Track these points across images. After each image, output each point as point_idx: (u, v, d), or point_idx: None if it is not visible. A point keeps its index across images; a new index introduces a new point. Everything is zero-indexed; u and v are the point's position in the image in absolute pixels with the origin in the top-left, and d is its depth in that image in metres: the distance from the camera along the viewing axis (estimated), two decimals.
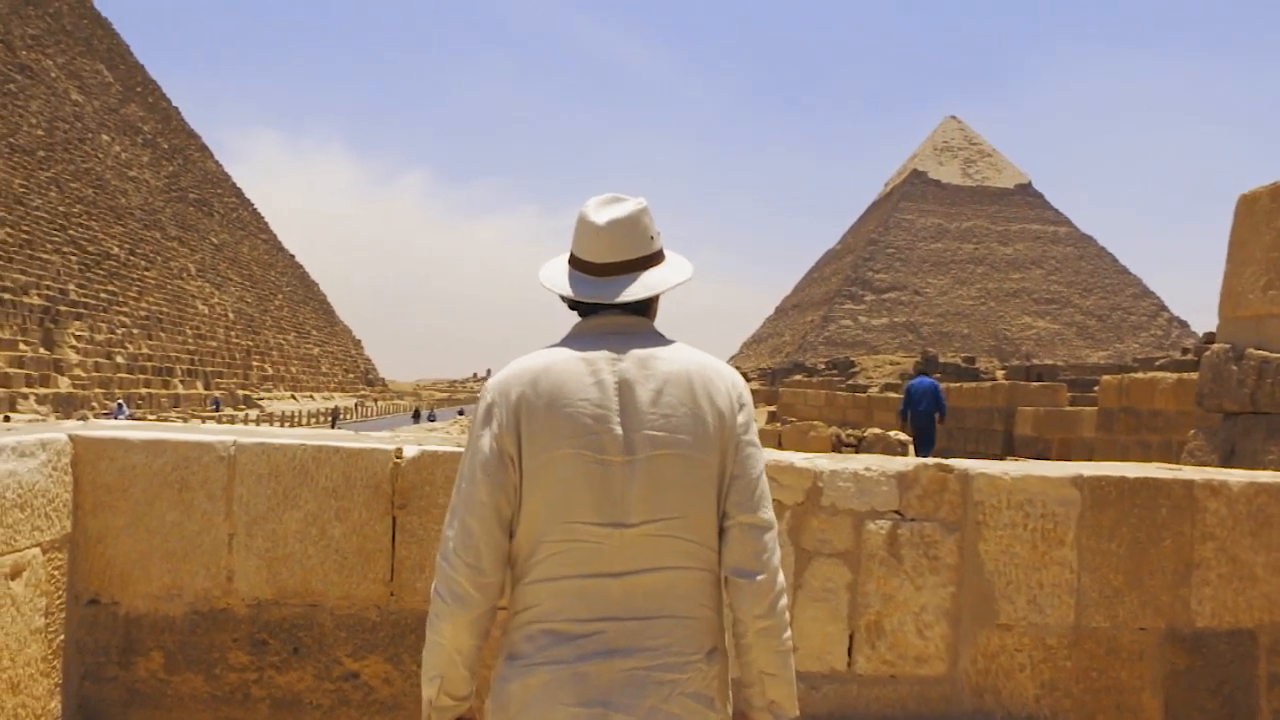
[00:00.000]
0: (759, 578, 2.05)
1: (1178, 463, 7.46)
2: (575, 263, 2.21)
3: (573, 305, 2.21)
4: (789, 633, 2.09)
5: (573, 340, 2.14)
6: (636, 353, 2.08)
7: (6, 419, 31.62)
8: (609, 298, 2.14)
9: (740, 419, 2.10)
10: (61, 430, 3.73)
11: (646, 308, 2.20)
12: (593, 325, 2.15)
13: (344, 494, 3.77)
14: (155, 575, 3.72)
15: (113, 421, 4.30)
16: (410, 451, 3.81)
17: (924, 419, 17.10)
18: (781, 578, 2.09)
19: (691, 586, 2.06)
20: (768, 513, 2.09)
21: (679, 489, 2.03)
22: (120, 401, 45.48)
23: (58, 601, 3.56)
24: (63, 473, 3.59)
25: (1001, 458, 19.53)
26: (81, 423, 4.24)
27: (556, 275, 2.22)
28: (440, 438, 4.37)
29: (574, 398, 2.02)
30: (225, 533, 3.75)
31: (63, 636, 3.59)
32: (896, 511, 4.06)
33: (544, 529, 2.03)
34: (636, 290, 2.15)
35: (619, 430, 2.02)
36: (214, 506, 3.74)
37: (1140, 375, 15.24)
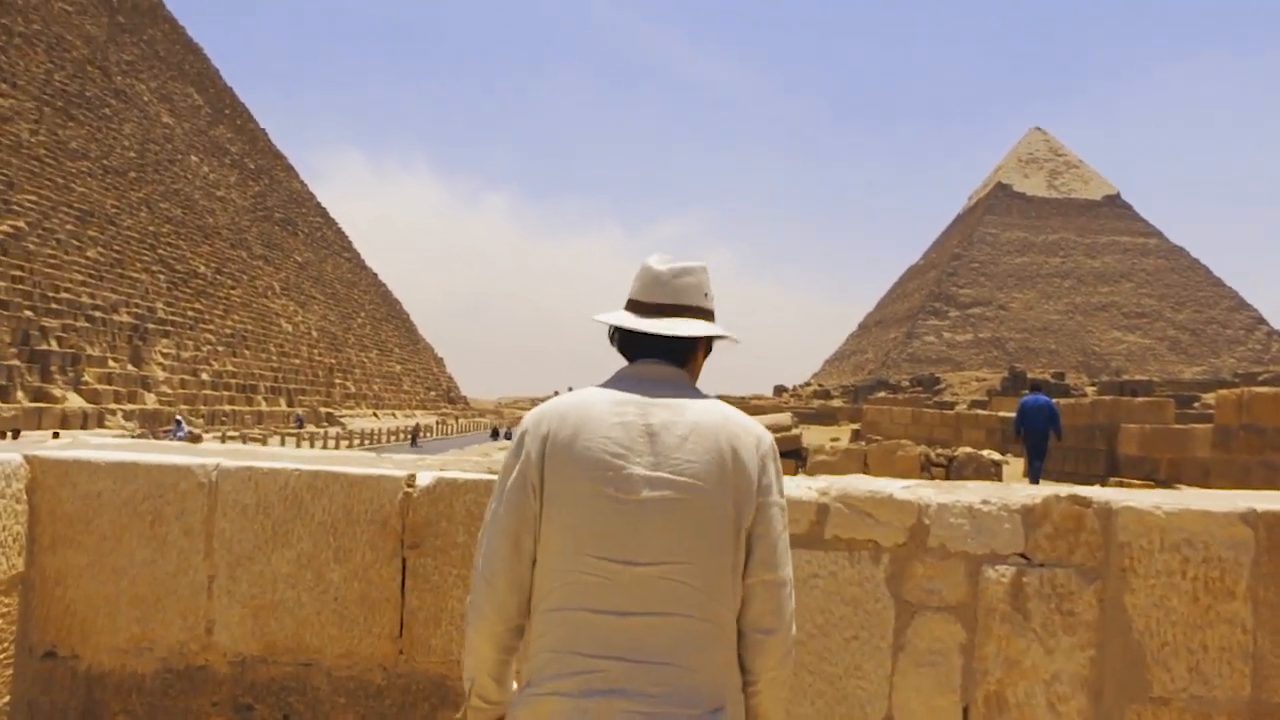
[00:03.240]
0: (775, 635, 2.12)
1: None
2: (630, 305, 2.29)
3: (621, 350, 2.28)
4: (789, 684, 2.21)
5: (612, 382, 2.20)
6: (667, 399, 2.13)
7: (56, 435, 31.70)
8: (654, 330, 2.21)
9: (765, 477, 2.12)
10: (17, 450, 3.15)
11: (687, 361, 2.26)
12: (633, 370, 2.22)
13: (345, 530, 3.12)
14: (122, 624, 3.11)
15: (89, 439, 3.72)
16: (425, 479, 3.15)
17: (1038, 437, 16.45)
18: (794, 630, 2.16)
19: (697, 638, 2.05)
20: (787, 570, 2.14)
21: (692, 535, 2.04)
22: (179, 418, 43.97)
23: (4, 655, 2.97)
24: (14, 500, 3.01)
25: (1105, 479, 18.39)
26: (52, 440, 3.66)
27: (610, 314, 2.30)
28: (474, 461, 3.71)
29: (598, 434, 2.07)
30: (204, 574, 3.12)
31: (8, 697, 3.00)
32: (1021, 555, 3.29)
33: (558, 559, 2.06)
34: (681, 329, 2.21)
35: (639, 470, 2.05)
36: (192, 543, 3.12)
37: (1265, 390, 14.06)
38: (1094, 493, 3.41)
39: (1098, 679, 3.29)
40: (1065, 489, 3.40)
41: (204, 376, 60.98)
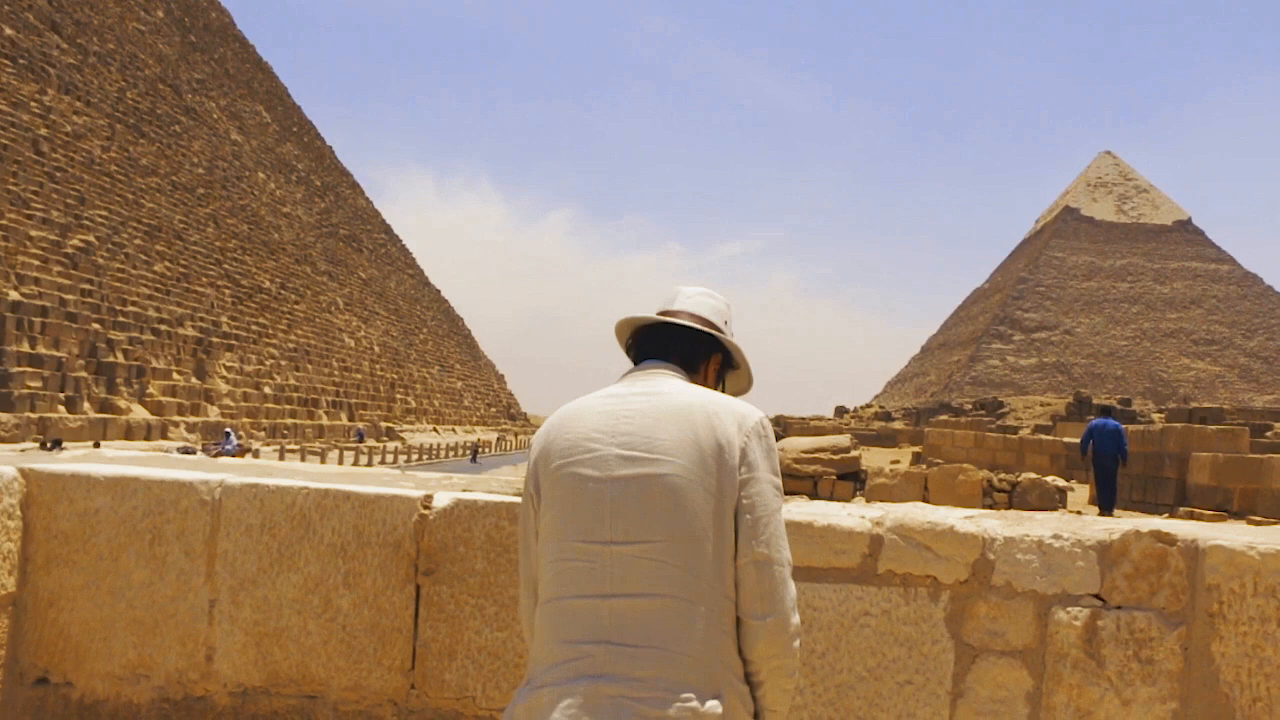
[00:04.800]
0: (769, 619, 2.03)
1: None
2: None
3: (635, 361, 2.29)
4: (796, 673, 2.12)
5: (610, 385, 2.23)
6: (650, 386, 2.14)
7: (96, 445, 31.79)
8: (650, 317, 2.27)
9: (750, 454, 2.07)
10: (13, 463, 2.97)
11: (694, 369, 2.26)
12: (632, 371, 2.24)
13: (354, 553, 2.89)
14: (118, 650, 2.91)
15: (81, 452, 3.53)
16: (442, 501, 2.91)
17: (1106, 461, 16.30)
18: (796, 617, 2.08)
19: (684, 621, 1.99)
20: (780, 551, 2.06)
21: (668, 513, 2.00)
22: (228, 430, 43.59)
23: None
24: (6, 516, 2.83)
25: (1174, 509, 17.74)
26: (44, 451, 3.49)
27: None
28: (503, 482, 3.47)
29: (578, 425, 2.10)
30: (206, 598, 2.92)
31: None
32: (1096, 596, 2.98)
33: (548, 550, 2.07)
34: (688, 320, 2.27)
35: (614, 450, 2.04)
36: (193, 565, 2.91)
37: None
38: (1178, 528, 3.08)
39: None
40: (1146, 524, 3.08)
41: (266, 390, 61.64)
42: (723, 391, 2.35)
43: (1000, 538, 2.96)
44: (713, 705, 1.95)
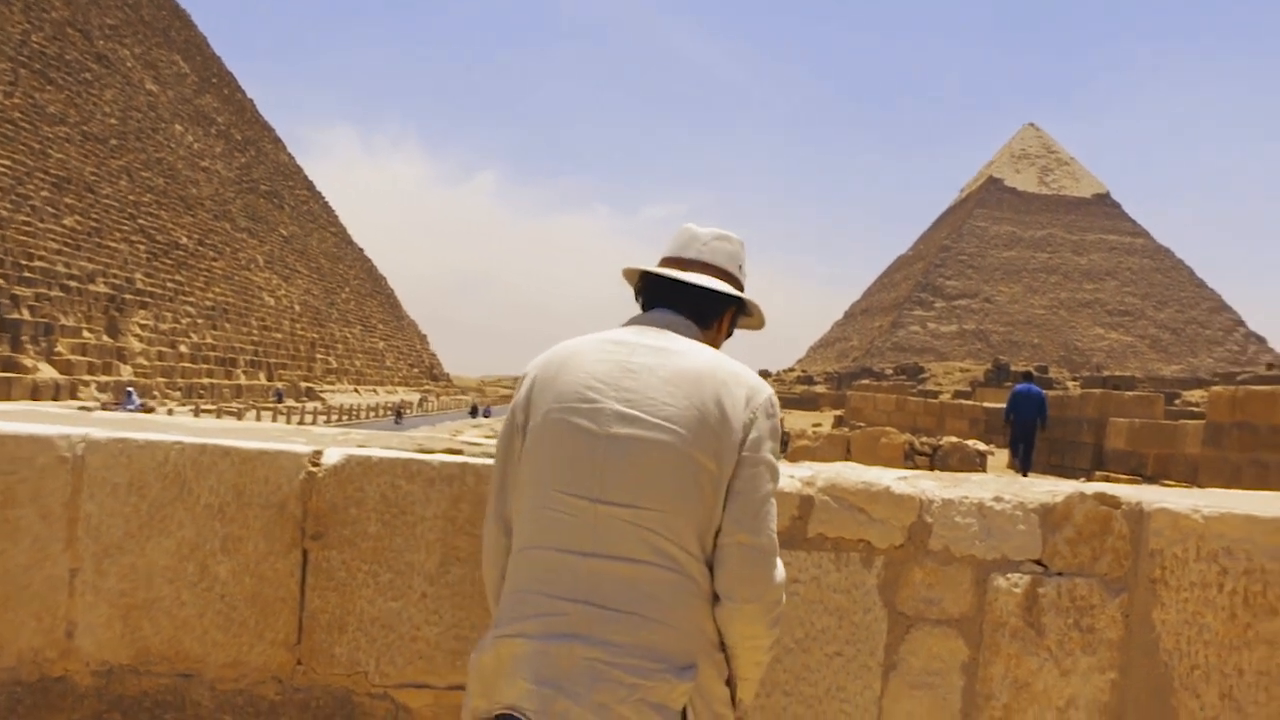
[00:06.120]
0: (747, 605, 1.98)
1: None
2: (662, 262, 2.24)
3: (645, 307, 2.22)
4: (772, 649, 2.11)
5: (616, 328, 2.14)
6: (660, 342, 2.06)
7: None
8: (669, 274, 2.17)
9: (753, 432, 2.00)
10: None
11: (707, 322, 2.18)
12: (642, 317, 2.16)
13: (234, 515, 2.61)
14: None
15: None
16: (333, 457, 2.64)
17: (1027, 427, 17.29)
18: (782, 601, 2.03)
19: (665, 589, 1.94)
20: (767, 536, 1.99)
21: (661, 481, 1.94)
22: (129, 390, 42.05)
23: None
24: None
25: (1090, 473, 18.00)
26: None
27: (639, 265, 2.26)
28: (405, 438, 3.21)
29: (580, 369, 2.02)
30: (65, 567, 2.61)
31: None
32: (1037, 562, 2.81)
33: (530, 495, 2.01)
34: (697, 280, 2.15)
35: (614, 405, 1.97)
36: (50, 530, 2.60)
37: (1261, 388, 13.67)
38: (1124, 492, 2.92)
39: (1119, 705, 2.82)
40: (1091, 486, 2.92)
41: (182, 349, 60.08)
42: (732, 332, 2.31)
43: (938, 500, 2.78)
44: (688, 675, 1.92)
